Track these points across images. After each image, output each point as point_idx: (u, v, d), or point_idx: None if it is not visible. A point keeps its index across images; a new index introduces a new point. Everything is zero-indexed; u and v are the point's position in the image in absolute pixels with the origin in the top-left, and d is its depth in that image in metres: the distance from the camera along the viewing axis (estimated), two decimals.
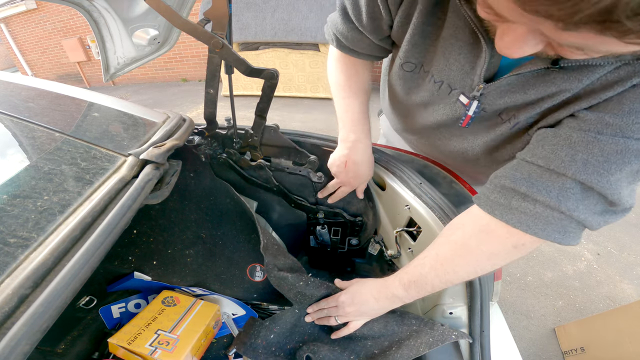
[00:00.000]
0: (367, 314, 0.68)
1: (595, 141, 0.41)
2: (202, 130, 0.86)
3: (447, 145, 0.71)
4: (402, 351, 0.59)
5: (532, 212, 0.45)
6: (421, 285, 0.59)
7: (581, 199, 0.43)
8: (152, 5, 0.58)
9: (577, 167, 0.42)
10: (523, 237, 0.47)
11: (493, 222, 0.50)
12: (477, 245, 0.52)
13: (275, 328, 0.75)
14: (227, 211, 0.93)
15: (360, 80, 0.75)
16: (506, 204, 0.48)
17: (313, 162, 0.85)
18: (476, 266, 0.53)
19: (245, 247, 0.93)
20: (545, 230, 0.45)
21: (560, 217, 0.44)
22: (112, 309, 0.85)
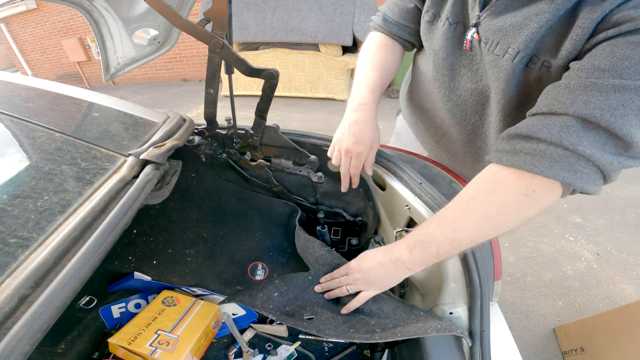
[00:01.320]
0: (375, 283, 0.64)
1: (593, 85, 0.42)
2: (202, 130, 0.86)
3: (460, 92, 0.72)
4: (409, 328, 0.58)
5: (535, 150, 0.45)
6: (425, 245, 0.55)
7: (584, 134, 0.42)
8: (152, 5, 0.58)
9: (578, 106, 0.43)
10: (531, 181, 0.45)
11: (500, 169, 0.49)
12: (486, 196, 0.49)
13: (282, 288, 0.73)
14: (230, 210, 0.93)
15: (386, 61, 0.80)
16: (511, 149, 0.48)
17: (313, 162, 0.85)
18: (485, 222, 0.50)
19: (247, 246, 0.93)
20: (551, 168, 0.43)
21: (565, 153, 0.43)
22: (112, 309, 0.85)
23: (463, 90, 0.72)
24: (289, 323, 0.64)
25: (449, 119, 0.80)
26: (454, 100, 0.75)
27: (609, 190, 2.75)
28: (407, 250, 0.58)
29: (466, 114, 0.75)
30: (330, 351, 0.84)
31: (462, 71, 0.70)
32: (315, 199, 0.95)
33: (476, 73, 0.67)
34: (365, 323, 0.63)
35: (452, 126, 0.81)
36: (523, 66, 0.56)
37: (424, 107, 0.88)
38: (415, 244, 0.58)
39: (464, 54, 0.68)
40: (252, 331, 0.87)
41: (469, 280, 0.59)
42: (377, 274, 0.64)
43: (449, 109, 0.77)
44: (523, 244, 2.16)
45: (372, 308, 0.66)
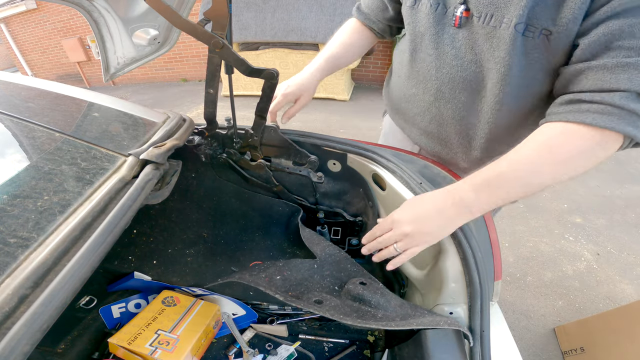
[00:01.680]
0: (430, 234, 0.58)
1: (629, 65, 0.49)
2: (202, 130, 0.86)
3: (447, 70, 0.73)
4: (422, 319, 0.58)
5: (604, 110, 0.51)
6: (495, 187, 0.54)
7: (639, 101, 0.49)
8: (152, 5, 0.58)
9: (624, 83, 0.49)
10: (603, 133, 0.51)
11: (570, 125, 0.53)
12: (561, 144, 0.53)
13: (285, 271, 0.72)
14: (230, 210, 0.93)
15: (350, 40, 0.92)
16: (577, 109, 0.53)
17: (313, 162, 0.85)
18: (563, 166, 0.53)
19: (247, 246, 0.93)
20: (620, 124, 0.50)
21: (629, 114, 0.50)
22: (112, 309, 0.85)
23: (449, 67, 0.72)
24: (298, 305, 0.61)
25: (437, 100, 0.78)
26: (440, 79, 0.75)
27: (609, 190, 2.75)
28: (472, 192, 0.56)
29: (454, 91, 0.74)
30: (330, 351, 0.84)
31: (445, 49, 0.71)
32: (315, 199, 0.95)
33: (460, 50, 0.69)
34: (372, 315, 0.61)
35: (441, 107, 0.79)
36: (521, 34, 0.58)
37: (408, 95, 0.87)
38: (482, 186, 0.55)
39: (447, 33, 0.69)
40: (252, 331, 0.87)
41: (469, 280, 0.59)
42: (434, 222, 0.58)
43: (437, 88, 0.76)
44: (523, 244, 2.16)
45: (380, 301, 0.63)
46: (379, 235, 0.63)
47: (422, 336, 0.58)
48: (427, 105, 0.81)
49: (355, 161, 0.84)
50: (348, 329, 0.89)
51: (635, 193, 2.72)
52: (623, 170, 3.11)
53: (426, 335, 0.57)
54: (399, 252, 0.61)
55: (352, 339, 0.87)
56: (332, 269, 0.74)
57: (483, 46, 0.64)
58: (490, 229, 0.72)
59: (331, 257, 0.75)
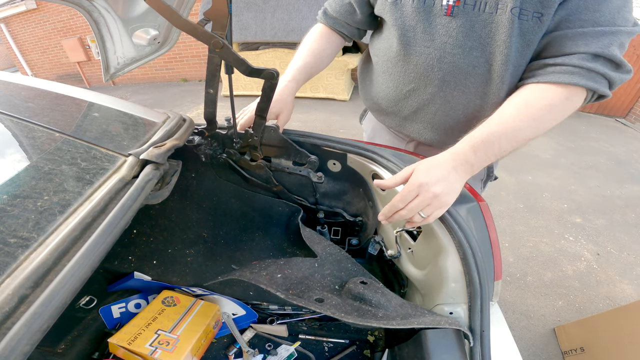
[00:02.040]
0: (454, 192, 0.61)
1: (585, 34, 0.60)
2: (202, 130, 0.86)
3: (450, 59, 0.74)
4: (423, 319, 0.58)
5: (568, 70, 0.62)
6: (489, 144, 0.62)
7: (596, 61, 0.60)
8: (152, 5, 0.58)
9: (582, 48, 0.60)
10: (569, 89, 0.62)
11: (541, 85, 0.64)
12: (537, 101, 0.63)
13: (286, 270, 0.72)
14: (230, 211, 0.93)
15: (320, 48, 0.91)
16: (545, 72, 0.65)
17: (313, 162, 0.85)
18: (539, 120, 0.62)
19: (247, 246, 0.93)
20: (581, 80, 0.61)
21: (588, 72, 0.60)
22: (112, 309, 0.85)
23: (451, 55, 0.73)
24: (299, 303, 0.61)
25: (442, 90, 0.79)
26: (444, 69, 0.76)
27: (609, 190, 2.75)
28: (472, 152, 0.63)
29: (460, 77, 0.76)
30: (330, 351, 0.84)
31: (443, 39, 0.73)
32: (315, 199, 0.95)
33: (458, 38, 0.71)
34: (373, 315, 0.61)
35: (447, 95, 0.79)
36: (517, 18, 0.64)
37: (406, 92, 0.85)
38: (478, 145, 0.63)
39: (440, 23, 0.72)
40: (252, 331, 0.87)
41: (469, 280, 0.59)
42: (454, 179, 0.62)
43: (441, 78, 0.77)
44: (523, 244, 2.16)
45: (380, 300, 0.64)
46: (402, 207, 0.62)
47: (422, 336, 0.58)
48: (431, 97, 0.81)
49: (355, 161, 0.84)
50: (348, 329, 0.89)
51: (635, 193, 2.73)
52: (623, 170, 3.11)
53: (426, 335, 0.57)
54: (423, 217, 0.61)
55: (352, 339, 0.87)
56: (332, 268, 0.74)
57: (481, 32, 0.69)
58: (490, 229, 0.72)
59: (332, 256, 0.75)
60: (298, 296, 0.65)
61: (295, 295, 0.65)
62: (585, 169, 3.11)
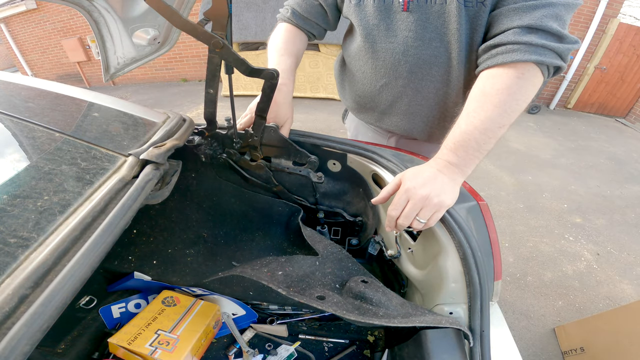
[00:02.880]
0: (446, 193, 0.60)
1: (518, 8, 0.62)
2: (202, 130, 0.86)
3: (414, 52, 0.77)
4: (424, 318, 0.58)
5: (507, 49, 0.62)
6: (465, 142, 0.62)
7: (531, 34, 0.61)
8: (152, 5, 0.58)
9: (517, 22, 0.62)
10: (518, 67, 0.62)
11: (490, 70, 0.65)
12: (491, 87, 0.63)
13: (287, 267, 0.72)
14: (230, 211, 0.93)
15: (296, 48, 0.91)
16: (491, 55, 0.66)
17: (313, 162, 0.85)
18: (503, 105, 0.61)
19: (247, 246, 0.93)
20: (524, 55, 0.60)
21: (527, 46, 0.60)
22: (112, 309, 0.85)
23: (414, 48, 0.77)
24: (301, 300, 0.61)
25: (412, 81, 0.82)
26: (410, 61, 0.79)
27: (609, 190, 2.75)
28: (452, 154, 0.64)
29: (425, 68, 0.79)
30: (330, 351, 0.84)
31: (404, 33, 0.77)
32: (315, 199, 0.95)
33: (417, 31, 0.75)
34: (374, 313, 0.61)
35: (417, 86, 0.83)
36: (463, 6, 0.67)
37: (380, 87, 0.88)
38: (455, 146, 0.63)
39: (399, 19, 0.76)
40: (252, 331, 0.87)
41: (469, 280, 0.59)
42: (442, 181, 0.61)
43: (409, 70, 0.81)
44: (523, 244, 2.16)
45: (381, 299, 0.63)
46: (398, 216, 0.62)
47: (422, 336, 0.58)
48: (402, 89, 0.85)
49: (355, 161, 0.84)
50: (348, 329, 0.89)
51: (635, 193, 2.73)
52: (623, 170, 3.11)
53: (426, 335, 0.57)
54: (423, 222, 0.61)
55: (352, 339, 0.87)
56: (333, 267, 0.74)
57: (436, 23, 0.73)
58: (490, 229, 0.72)
59: (333, 255, 0.76)
60: (299, 293, 0.65)
61: (297, 292, 0.65)
62: (585, 169, 3.11)
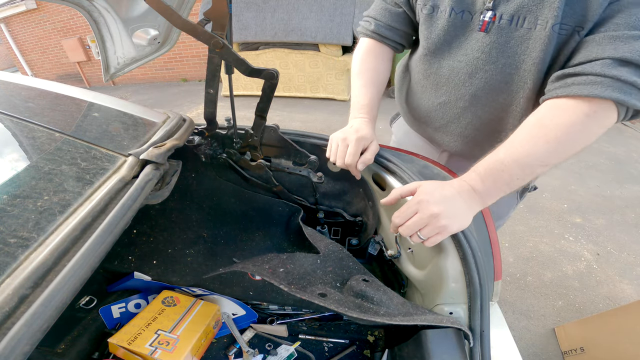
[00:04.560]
0: (457, 217, 0.56)
1: (615, 37, 0.53)
2: (202, 130, 0.86)
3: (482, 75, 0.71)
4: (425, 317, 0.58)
5: (587, 81, 0.53)
6: (497, 172, 0.57)
7: (622, 68, 0.52)
8: (152, 5, 0.58)
9: (609, 52, 0.53)
10: (591, 103, 0.53)
11: (558, 100, 0.56)
12: (551, 120, 0.55)
13: (288, 265, 0.72)
14: (230, 211, 0.93)
15: (377, 72, 0.86)
16: (564, 84, 0.57)
17: (313, 162, 0.85)
18: (555, 143, 0.54)
19: (247, 246, 0.93)
20: (605, 91, 0.52)
21: (612, 81, 0.52)
22: (112, 309, 0.85)
23: (483, 72, 0.71)
24: (302, 296, 0.61)
25: (472, 105, 0.77)
26: (475, 85, 0.74)
27: (609, 190, 2.75)
28: (479, 181, 0.58)
29: (491, 94, 0.73)
30: (330, 351, 0.84)
31: (475, 54, 0.71)
32: (315, 199, 0.95)
33: (491, 54, 0.68)
34: (374, 312, 0.60)
35: (478, 111, 0.78)
36: (556, 34, 0.59)
37: (438, 104, 0.84)
38: (486, 174, 0.58)
39: (474, 38, 0.69)
40: (252, 331, 0.87)
41: (469, 281, 0.59)
42: (459, 204, 0.57)
43: (472, 94, 0.75)
44: (523, 244, 2.16)
45: (382, 298, 0.63)
46: (401, 224, 0.59)
47: (422, 336, 0.58)
48: (461, 111, 0.80)
49: None
50: (348, 329, 0.89)
51: (635, 193, 2.72)
52: (623, 170, 3.11)
53: (426, 335, 0.57)
54: (422, 239, 0.57)
55: (352, 339, 0.87)
56: (334, 265, 0.74)
57: (517, 48, 0.65)
58: (490, 229, 0.72)
59: (334, 253, 0.76)
60: (301, 289, 0.64)
61: (298, 289, 0.65)
62: (585, 169, 3.10)
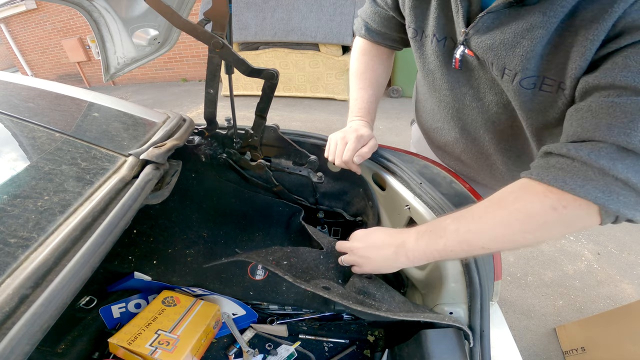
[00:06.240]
0: (371, 260, 0.61)
1: (616, 105, 0.39)
2: (202, 130, 0.86)
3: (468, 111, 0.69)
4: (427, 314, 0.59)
5: (569, 167, 0.42)
6: (434, 236, 0.52)
7: (617, 157, 0.39)
8: (152, 5, 0.58)
9: (602, 132, 0.40)
10: (563, 197, 0.42)
11: (530, 181, 0.46)
12: (511, 203, 0.46)
13: (292, 258, 0.72)
14: (231, 211, 0.93)
15: (374, 74, 0.83)
16: (544, 164, 0.46)
17: (313, 162, 0.85)
18: (504, 229, 0.46)
19: (247, 246, 0.93)
20: (584, 187, 0.40)
21: (599, 174, 0.40)
22: (112, 309, 0.85)
23: (470, 109, 0.67)
24: (307, 287, 0.62)
25: (463, 137, 0.76)
26: (463, 119, 0.71)
27: None
28: (414, 237, 0.56)
29: (479, 131, 0.70)
30: (330, 351, 0.84)
31: (463, 89, 0.66)
32: (315, 199, 0.95)
33: (478, 89, 0.62)
34: (377, 308, 0.60)
35: (468, 144, 0.77)
36: (531, 89, 0.51)
37: (435, 128, 0.84)
38: (424, 233, 0.55)
39: (460, 72, 0.63)
40: (252, 331, 0.87)
41: (469, 281, 0.59)
42: (378, 252, 0.61)
43: (462, 128, 0.74)
44: None
45: (384, 295, 0.64)
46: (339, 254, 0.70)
47: (422, 336, 0.58)
48: (455, 139, 0.79)
49: None
50: (348, 329, 0.89)
51: None
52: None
53: (426, 335, 0.57)
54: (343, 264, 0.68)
55: (352, 338, 0.87)
56: (337, 262, 0.74)
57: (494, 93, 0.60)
58: None
59: (337, 250, 0.75)
60: (305, 281, 0.65)
61: (303, 281, 0.65)
62: None
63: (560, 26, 0.45)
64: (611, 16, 0.39)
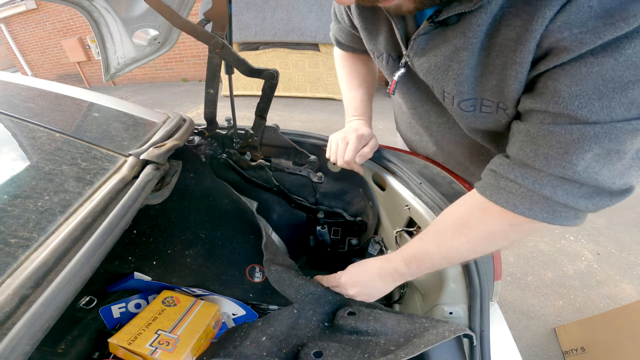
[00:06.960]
0: (372, 295, 0.66)
1: (551, 134, 0.41)
2: (202, 131, 0.86)
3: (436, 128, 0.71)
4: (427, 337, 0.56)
5: (517, 192, 0.46)
6: (421, 260, 0.58)
7: (558, 185, 0.43)
8: (152, 5, 0.58)
9: (541, 162, 0.43)
10: (516, 216, 0.47)
11: (487, 203, 0.50)
12: (475, 223, 0.52)
13: (268, 329, 0.66)
14: (226, 212, 0.93)
15: (360, 75, 0.85)
16: (495, 184, 0.49)
17: (313, 162, 0.85)
18: (476, 245, 0.53)
19: (244, 248, 0.93)
20: (532, 209, 0.45)
21: (543, 200, 0.44)
22: (112, 309, 0.85)
23: (437, 125, 0.69)
24: None
25: (440, 151, 0.80)
26: (434, 135, 0.74)
27: None
28: (404, 265, 0.61)
29: (451, 147, 0.74)
30: None
31: (425, 107, 0.67)
32: (315, 199, 0.95)
33: (440, 107, 0.62)
34: (375, 344, 0.58)
35: (446, 156, 0.81)
36: (471, 111, 0.52)
37: (411, 141, 0.88)
38: (411, 259, 0.60)
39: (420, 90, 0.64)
40: None
41: (469, 281, 0.59)
42: (377, 286, 0.65)
43: (435, 143, 0.77)
44: (523, 243, 2.16)
45: (376, 327, 0.61)
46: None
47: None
48: (434, 152, 0.83)
49: None
50: None
51: (635, 193, 2.71)
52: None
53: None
54: None
55: None
56: (314, 307, 0.69)
57: None
58: None
59: (308, 296, 0.70)
60: (294, 355, 0.62)
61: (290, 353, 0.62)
62: None
63: (484, 46, 0.44)
64: (533, 35, 0.38)
